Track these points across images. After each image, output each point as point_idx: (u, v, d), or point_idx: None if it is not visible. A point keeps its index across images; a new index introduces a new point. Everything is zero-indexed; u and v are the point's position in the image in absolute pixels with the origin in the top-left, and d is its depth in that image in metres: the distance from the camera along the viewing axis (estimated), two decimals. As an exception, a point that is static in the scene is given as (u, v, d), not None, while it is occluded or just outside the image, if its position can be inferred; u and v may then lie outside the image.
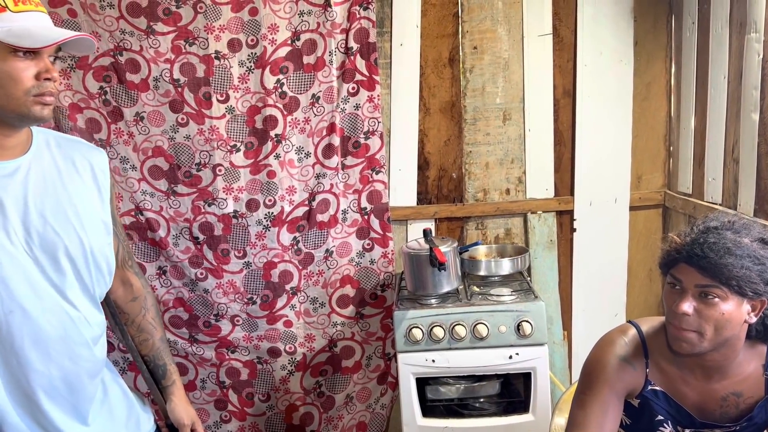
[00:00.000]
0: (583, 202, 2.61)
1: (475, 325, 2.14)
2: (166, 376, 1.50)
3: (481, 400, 2.29)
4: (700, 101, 2.29)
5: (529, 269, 2.64)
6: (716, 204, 2.16)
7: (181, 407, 1.47)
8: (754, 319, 1.24)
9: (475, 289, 2.37)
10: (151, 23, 2.42)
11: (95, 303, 1.30)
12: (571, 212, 2.63)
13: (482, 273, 2.41)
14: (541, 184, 2.63)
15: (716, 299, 1.19)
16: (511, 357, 2.14)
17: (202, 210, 2.54)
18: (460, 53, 2.56)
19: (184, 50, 2.45)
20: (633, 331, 1.39)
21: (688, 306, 1.20)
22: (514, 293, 2.27)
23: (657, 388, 1.34)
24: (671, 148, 2.59)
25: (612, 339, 1.38)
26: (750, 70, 1.92)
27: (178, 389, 1.51)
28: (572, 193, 2.62)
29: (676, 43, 2.49)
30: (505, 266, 2.39)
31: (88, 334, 1.26)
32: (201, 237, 2.56)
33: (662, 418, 1.34)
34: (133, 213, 2.55)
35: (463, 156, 2.63)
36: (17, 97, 1.15)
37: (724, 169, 2.13)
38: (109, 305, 1.44)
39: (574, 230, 2.64)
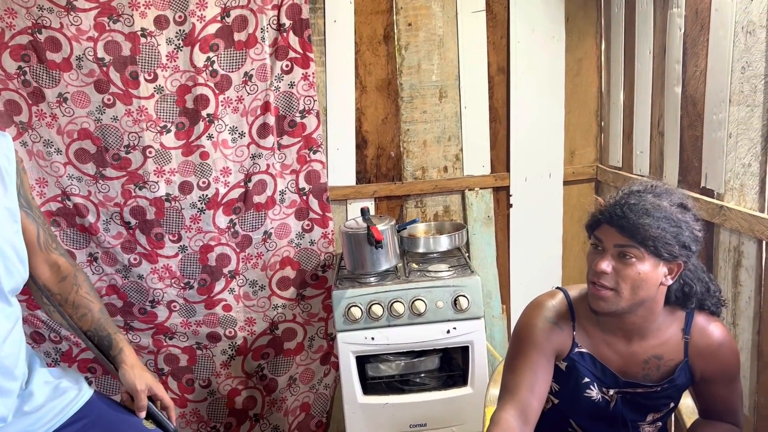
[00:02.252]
0: (519, 178, 2.65)
1: (413, 302, 2.15)
2: (113, 345, 1.45)
3: (422, 375, 2.31)
4: (629, 76, 2.35)
5: (467, 245, 2.67)
6: (644, 176, 2.23)
7: (132, 374, 1.42)
8: (670, 282, 1.28)
9: (414, 266, 2.39)
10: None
11: (3, 295, 1.23)
12: (507, 188, 2.66)
13: (421, 250, 2.43)
14: (477, 161, 2.65)
15: (633, 259, 1.24)
16: (448, 331, 2.16)
17: (133, 194, 2.46)
18: (395, 30, 2.55)
19: (108, 28, 2.35)
20: (561, 295, 1.43)
21: (606, 264, 1.25)
22: (451, 269, 2.29)
23: (583, 350, 1.38)
24: (602, 123, 2.65)
25: (540, 303, 1.42)
26: (673, 45, 1.98)
27: (127, 356, 1.45)
28: (508, 170, 2.65)
29: (605, 19, 2.54)
30: (443, 243, 2.41)
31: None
32: (133, 222, 2.48)
33: (588, 380, 1.38)
34: (59, 198, 2.45)
35: (400, 134, 2.63)
36: None
37: (651, 142, 2.19)
38: (41, 290, 1.39)
39: (511, 206, 2.68)
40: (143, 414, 1.42)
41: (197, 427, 2.68)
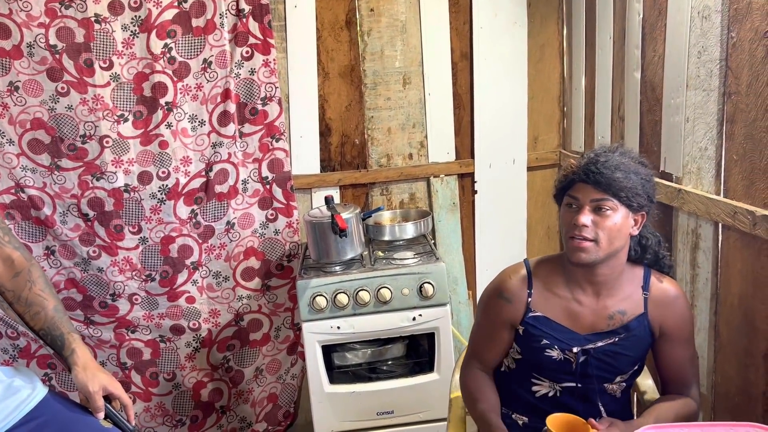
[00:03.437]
0: (483, 165, 2.66)
1: (378, 290, 2.14)
2: (65, 345, 1.40)
3: (389, 362, 2.31)
4: (590, 62, 2.36)
5: (433, 232, 2.67)
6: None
7: (84, 375, 1.37)
8: (636, 232, 1.41)
9: (380, 254, 2.38)
10: (20, -17, 2.22)
11: None
12: (472, 175, 2.67)
13: (387, 238, 2.42)
14: (442, 147, 2.64)
15: (609, 211, 1.35)
16: (414, 318, 2.16)
17: (90, 185, 2.39)
18: (357, 15, 2.52)
19: (59, 13, 2.27)
20: (522, 266, 1.54)
21: (586, 218, 1.35)
22: (416, 256, 2.29)
23: (538, 314, 1.47)
24: (565, 109, 2.66)
25: (497, 281, 1.56)
26: (632, 30, 1.99)
27: (79, 357, 1.40)
28: (473, 156, 2.65)
29: (567, 4, 2.54)
30: (409, 230, 2.40)
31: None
32: (91, 213, 2.42)
33: (547, 342, 1.45)
34: (13, 191, 2.37)
35: (365, 121, 2.60)
36: None
37: (612, 127, 2.21)
38: None
39: (476, 192, 2.68)
40: (101, 415, 1.38)
41: (162, 421, 2.65)
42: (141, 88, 2.37)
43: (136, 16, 2.31)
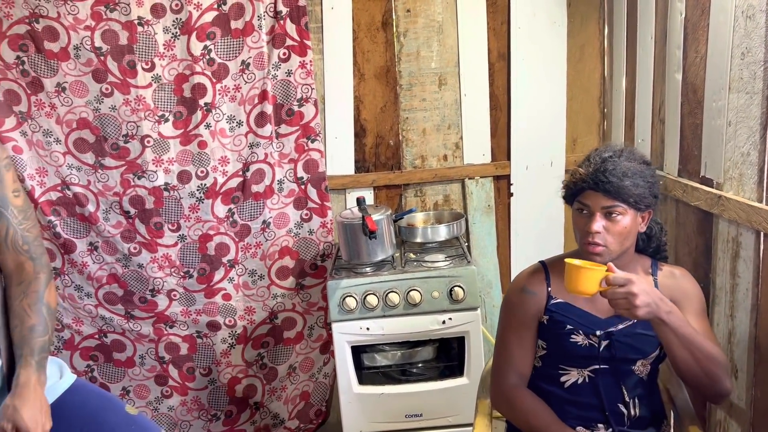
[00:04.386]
0: (520, 167, 2.62)
1: (408, 292, 2.13)
2: (18, 366, 1.31)
3: (420, 365, 2.30)
4: (631, 62, 2.30)
5: (468, 235, 2.65)
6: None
7: (7, 406, 1.24)
8: (644, 228, 1.47)
9: (411, 255, 2.37)
10: (68, -12, 2.30)
11: None
12: (507, 177, 2.63)
13: (419, 240, 2.41)
14: (478, 149, 2.62)
15: (619, 216, 1.40)
16: (444, 322, 2.15)
17: (132, 183, 2.46)
18: (394, 16, 2.51)
19: (105, 17, 2.34)
20: (536, 265, 1.60)
21: (598, 225, 1.40)
22: (448, 259, 2.27)
23: (559, 300, 1.52)
24: (605, 110, 2.60)
25: (515, 280, 1.62)
26: (673, 30, 1.92)
27: (18, 387, 1.27)
28: (509, 158, 2.62)
29: (608, 3, 2.48)
30: (441, 232, 2.39)
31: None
32: (132, 211, 2.49)
33: (571, 327, 1.49)
34: (59, 188, 2.46)
35: (399, 122, 2.60)
36: None
37: (652, 129, 2.14)
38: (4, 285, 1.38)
39: (511, 195, 2.64)
40: None
41: (198, 415, 2.70)
42: (181, 89, 2.42)
43: (177, 18, 2.37)
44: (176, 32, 2.38)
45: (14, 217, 1.36)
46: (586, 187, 1.42)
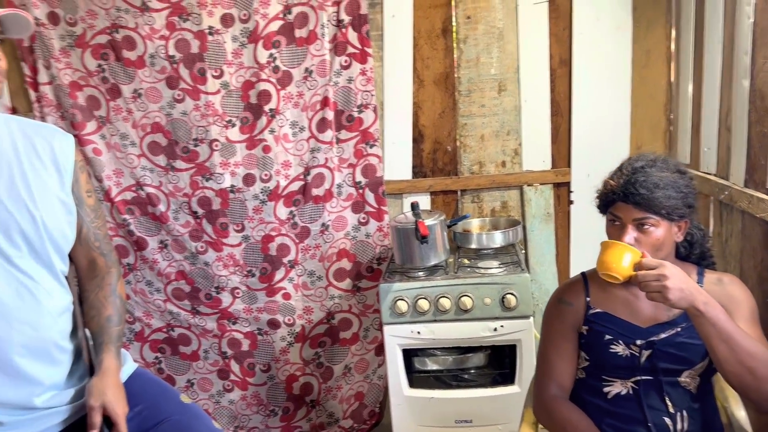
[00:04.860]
0: (581, 174, 2.57)
1: (459, 298, 2.14)
2: (100, 354, 1.42)
3: (471, 371, 2.30)
4: (698, 68, 2.22)
5: (525, 242, 2.62)
6: (710, 174, 2.10)
7: (94, 388, 1.34)
8: (681, 238, 1.45)
9: (465, 261, 2.37)
10: (146, 0, 2.44)
11: (55, 275, 1.35)
12: (568, 184, 2.59)
13: (474, 246, 2.41)
14: (537, 155, 2.59)
15: (651, 228, 1.38)
16: (495, 329, 2.14)
17: (200, 185, 2.59)
18: (454, 23, 2.53)
19: (178, 26, 2.48)
20: (576, 276, 1.60)
21: (629, 237, 1.39)
22: (502, 266, 2.26)
23: (598, 309, 1.50)
24: (671, 117, 2.51)
25: (554, 292, 1.62)
26: (741, 35, 1.85)
27: (98, 372, 1.38)
28: (569, 165, 2.57)
29: (676, 7, 2.40)
30: (497, 239, 2.38)
31: (49, 304, 1.32)
32: (200, 211, 2.61)
33: (610, 337, 1.46)
34: (134, 188, 2.61)
35: (457, 128, 2.61)
36: None
37: (719, 138, 2.06)
38: (77, 279, 1.49)
39: (572, 202, 2.60)
40: None
41: (257, 410, 2.80)
42: (248, 95, 2.53)
43: (245, 28, 2.47)
44: (244, 41, 2.49)
45: (87, 216, 1.46)
46: (617, 199, 1.41)
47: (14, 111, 2.60)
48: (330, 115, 2.53)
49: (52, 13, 2.46)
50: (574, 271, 2.63)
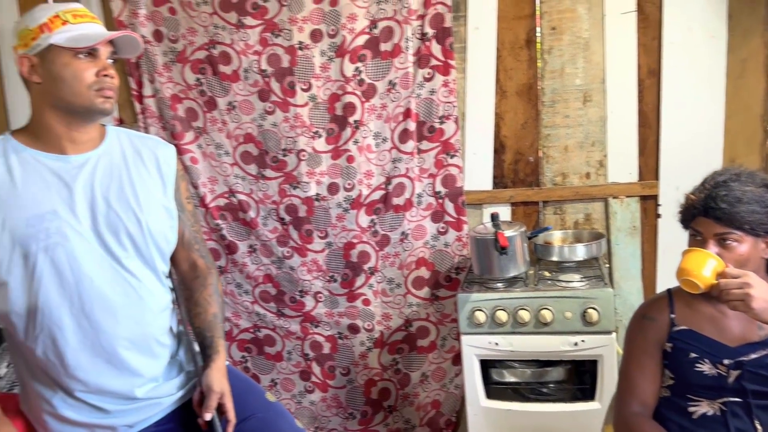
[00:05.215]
0: (669, 187, 2.49)
1: (539, 310, 2.13)
2: (212, 346, 1.55)
3: (550, 385, 2.27)
4: (800, 77, 2.11)
5: (609, 256, 2.57)
6: None
7: (214, 375, 1.49)
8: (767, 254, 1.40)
9: (546, 274, 2.35)
10: (241, 17, 2.59)
11: (157, 275, 1.47)
12: (655, 197, 2.51)
13: (555, 258, 2.39)
14: (623, 167, 2.53)
15: (734, 243, 1.36)
16: (576, 344, 2.11)
17: (288, 193, 2.70)
18: (538, 34, 2.52)
19: (270, 42, 2.61)
20: (661, 293, 1.57)
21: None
22: (584, 279, 2.23)
23: (683, 327, 1.47)
24: (770, 129, 2.40)
25: (638, 308, 1.60)
26: None
27: (217, 360, 1.53)
28: (657, 178, 2.50)
29: (776, 14, 2.29)
30: (579, 252, 2.34)
31: (151, 302, 1.44)
32: (287, 218, 2.73)
33: (696, 355, 1.42)
34: (226, 195, 2.77)
35: (540, 139, 2.59)
36: (82, 92, 1.34)
37: (822, 151, 1.95)
38: (174, 280, 1.61)
39: (659, 216, 2.52)
40: (209, 415, 1.45)
41: (336, 412, 2.88)
42: (334, 107, 2.62)
43: (332, 42, 2.57)
44: (331, 55, 2.58)
45: (188, 220, 1.59)
46: (697, 214, 1.40)
47: (121, 122, 2.81)
48: (412, 126, 2.58)
49: (156, 31, 2.66)
50: (661, 288, 2.54)
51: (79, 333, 1.37)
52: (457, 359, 2.74)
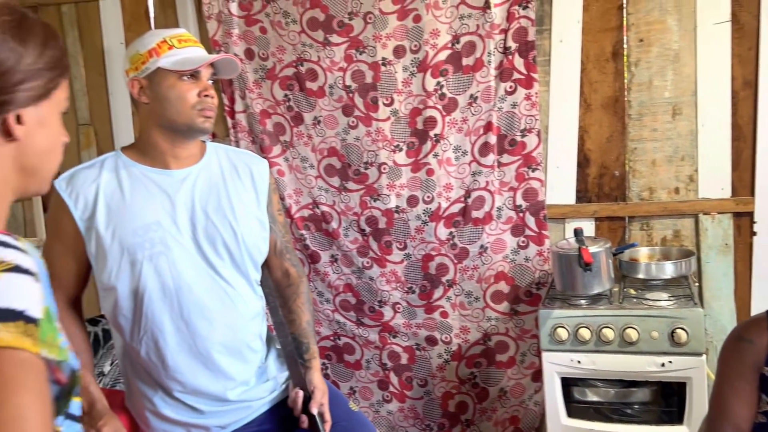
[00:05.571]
0: (766, 203, 2.37)
1: (624, 329, 2.08)
2: (308, 352, 1.66)
3: (635, 407, 2.21)
4: None
5: (699, 275, 2.47)
6: None
7: (317, 376, 1.62)
8: None
9: (631, 291, 2.29)
10: (327, 35, 2.68)
11: (250, 284, 1.55)
12: (750, 214, 2.40)
13: (641, 276, 2.32)
14: (715, 183, 2.43)
15: None
16: (663, 365, 2.04)
17: (369, 205, 2.76)
18: (625, 47, 2.47)
19: (355, 59, 2.68)
20: (763, 312, 1.46)
21: None
22: (672, 298, 2.15)
23: None
24: None
25: (733, 330, 1.50)
26: None
27: (316, 364, 1.65)
28: (753, 194, 2.39)
29: None
30: (667, 270, 2.27)
31: (244, 309, 1.52)
32: (367, 229, 2.79)
33: None
34: (310, 206, 2.86)
35: (626, 153, 2.53)
36: (185, 111, 1.44)
37: None
38: (266, 288, 1.69)
39: (755, 233, 2.40)
40: (315, 408, 1.56)
41: (413, 423, 2.90)
42: (415, 121, 2.66)
43: (415, 58, 2.62)
44: (414, 70, 2.63)
45: (279, 231, 1.67)
46: None
47: (214, 136, 2.97)
48: (492, 139, 2.58)
49: (248, 49, 2.79)
50: (756, 309, 2.43)
51: (177, 337, 1.46)
52: (536, 376, 2.70)
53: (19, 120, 0.84)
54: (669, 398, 2.18)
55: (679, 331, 2.01)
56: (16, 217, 3.15)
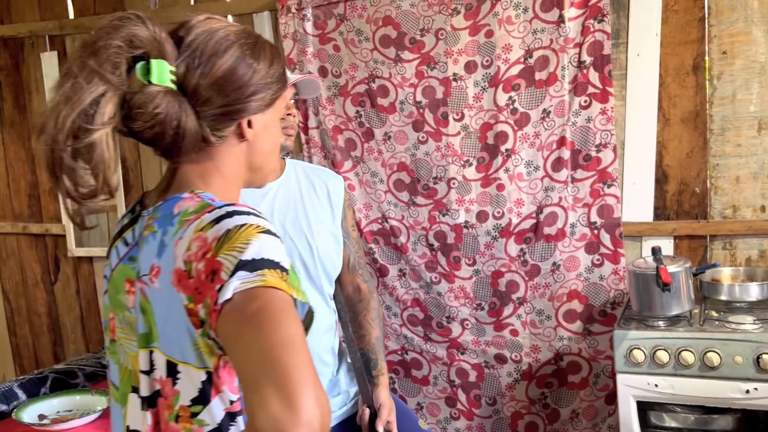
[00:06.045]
0: None
1: (705, 353, 1.98)
2: (377, 368, 1.69)
3: (717, 435, 2.10)
4: None
5: (788, 297, 2.33)
6: None
7: (384, 393, 1.64)
8: None
9: (713, 314, 2.19)
10: (399, 52, 2.72)
11: (324, 298, 1.58)
12: None
13: (723, 297, 2.21)
14: (806, 201, 2.30)
15: None
16: (747, 392, 1.93)
17: (437, 220, 2.77)
18: (707, 59, 2.38)
19: (426, 75, 2.70)
20: None
21: None
22: (758, 322, 2.04)
23: None
24: None
25: None
26: None
27: (384, 381, 1.68)
28: None
29: None
30: (752, 292, 2.16)
31: (317, 322, 1.53)
32: (436, 244, 2.79)
33: None
34: (379, 221, 2.89)
35: (708, 169, 2.43)
36: None
37: None
38: (338, 302, 1.72)
39: None
40: (381, 426, 1.58)
41: (481, 441, 2.86)
42: (485, 136, 2.65)
43: (486, 73, 2.62)
44: (485, 85, 2.63)
45: (353, 247, 1.70)
46: None
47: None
48: (566, 154, 2.54)
49: (322, 67, 2.86)
50: None
51: None
52: (610, 398, 2.62)
53: (249, 124, 0.99)
54: (755, 426, 2.07)
55: (765, 356, 1.91)
56: (101, 228, 3.33)
